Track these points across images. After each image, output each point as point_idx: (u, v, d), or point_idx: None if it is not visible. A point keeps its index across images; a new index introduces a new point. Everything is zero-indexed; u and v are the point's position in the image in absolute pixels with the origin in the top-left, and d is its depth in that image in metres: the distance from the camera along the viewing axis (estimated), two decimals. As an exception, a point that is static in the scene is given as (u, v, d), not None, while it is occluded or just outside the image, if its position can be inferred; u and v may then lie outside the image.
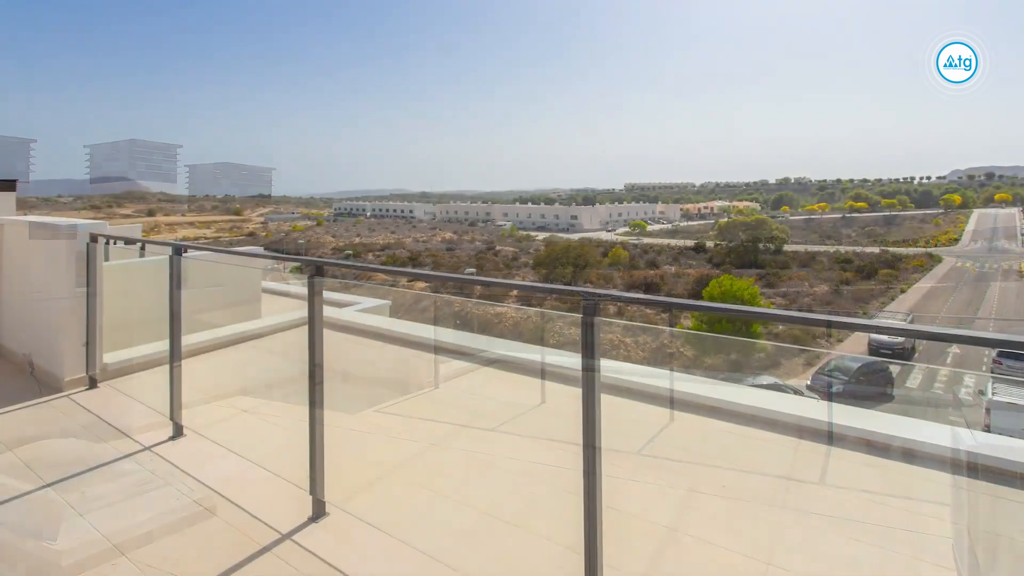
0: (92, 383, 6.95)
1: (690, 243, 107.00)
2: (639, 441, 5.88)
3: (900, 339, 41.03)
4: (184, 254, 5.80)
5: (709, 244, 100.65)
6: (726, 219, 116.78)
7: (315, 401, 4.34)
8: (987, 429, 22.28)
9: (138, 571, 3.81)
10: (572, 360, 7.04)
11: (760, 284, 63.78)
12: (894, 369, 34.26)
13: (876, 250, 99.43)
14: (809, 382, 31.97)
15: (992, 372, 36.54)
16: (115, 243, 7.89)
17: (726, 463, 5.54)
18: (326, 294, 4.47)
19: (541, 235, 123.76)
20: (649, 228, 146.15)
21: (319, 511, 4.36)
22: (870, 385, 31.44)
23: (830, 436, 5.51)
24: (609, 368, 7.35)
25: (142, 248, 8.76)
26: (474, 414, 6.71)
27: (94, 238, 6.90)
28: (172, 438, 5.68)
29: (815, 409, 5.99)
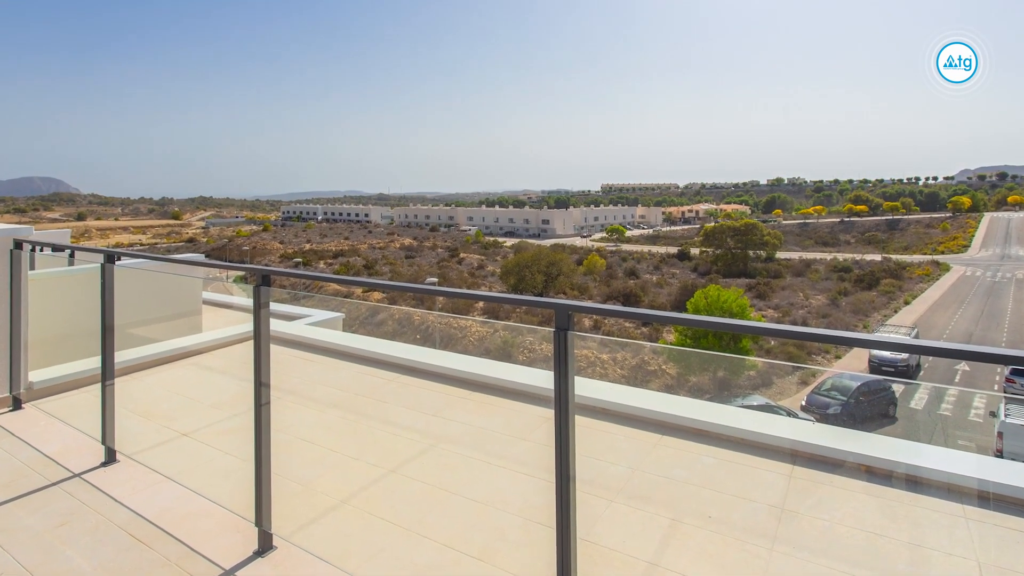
0: (16, 404, 6.89)
1: (673, 250, 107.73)
2: (617, 467, 5.92)
3: (904, 355, 41.03)
4: (117, 262, 5.79)
5: (694, 251, 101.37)
6: (713, 223, 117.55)
7: (261, 423, 4.33)
8: (1000, 454, 22.52)
9: (67, 610, 3.81)
10: (543, 378, 7.09)
11: (750, 295, 64.13)
12: (897, 388, 34.33)
13: (878, 257, 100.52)
14: (804, 403, 32.06)
15: (1005, 391, 36.75)
16: (41, 250, 7.83)
17: (712, 491, 5.52)
18: (273, 306, 4.49)
19: (510, 241, 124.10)
20: (628, 233, 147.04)
21: (265, 544, 4.37)
22: (871, 406, 31.65)
23: (827, 462, 5.52)
24: (584, 387, 7.40)
25: (71, 255, 8.71)
26: (436, 438, 6.72)
27: (18, 244, 6.85)
28: (104, 464, 5.66)
29: (810, 432, 6.01)
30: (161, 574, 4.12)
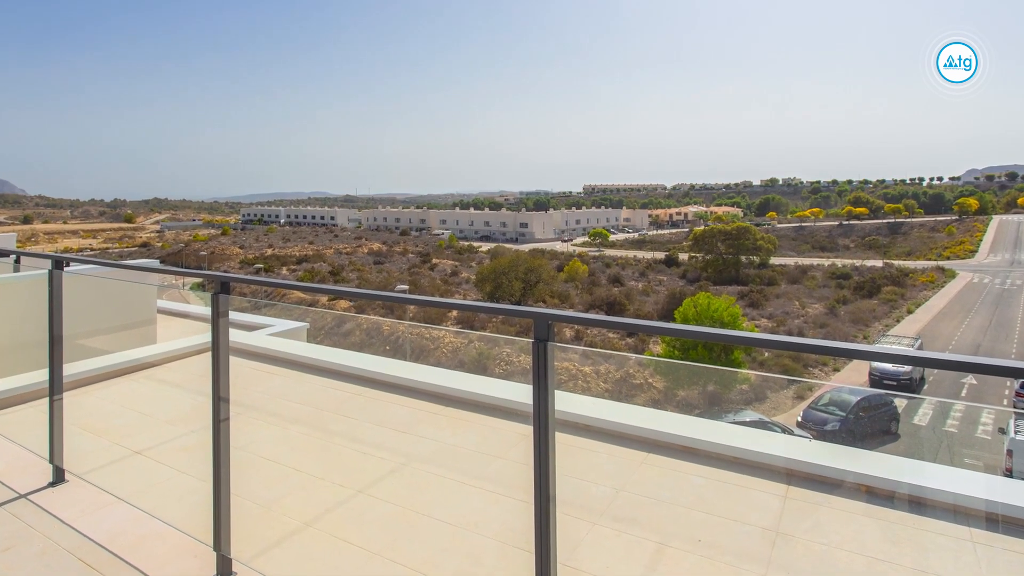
0: (-45, 421, 6.85)
1: (660, 255, 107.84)
2: (600, 487, 5.93)
3: (906, 368, 41.07)
4: (66, 268, 5.78)
5: (682, 256, 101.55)
6: (703, 227, 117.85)
7: (220, 441, 4.33)
8: (1009, 473, 22.59)
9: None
10: (522, 392, 7.12)
11: (742, 303, 64.25)
12: (899, 403, 34.35)
13: (879, 263, 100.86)
14: (800, 418, 32.10)
15: (1015, 407, 36.86)
16: (-16, 256, 7.80)
17: (702, 513, 5.52)
18: (233, 315, 4.47)
19: (485, 246, 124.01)
20: (612, 238, 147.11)
21: (224, 570, 4.38)
22: (871, 422, 31.71)
23: (824, 482, 5.54)
24: (565, 402, 7.41)
25: (17, 261, 8.67)
26: (406, 456, 6.72)
27: (-43, 250, 6.83)
28: (52, 484, 5.64)
29: (807, 450, 6.04)
30: (113, 601, 4.11)
